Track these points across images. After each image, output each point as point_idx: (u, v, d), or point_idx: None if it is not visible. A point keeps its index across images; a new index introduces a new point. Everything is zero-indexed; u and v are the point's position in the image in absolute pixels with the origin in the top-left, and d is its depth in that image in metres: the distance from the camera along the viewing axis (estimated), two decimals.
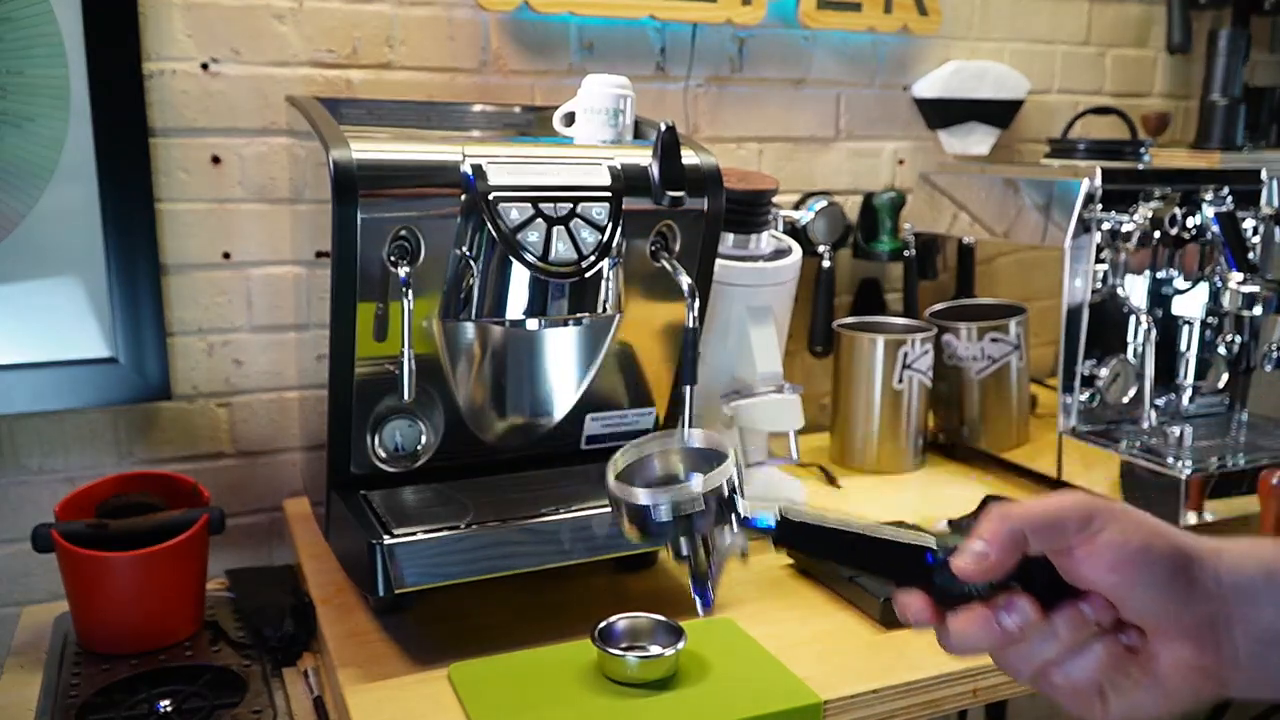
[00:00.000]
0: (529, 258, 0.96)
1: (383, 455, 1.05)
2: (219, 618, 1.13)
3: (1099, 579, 0.51)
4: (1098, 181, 1.34)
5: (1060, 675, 0.53)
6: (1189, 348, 1.44)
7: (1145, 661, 0.52)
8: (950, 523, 1.25)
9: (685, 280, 1.03)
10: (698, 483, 0.52)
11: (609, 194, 1.00)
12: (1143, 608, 0.51)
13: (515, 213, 0.96)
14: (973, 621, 0.53)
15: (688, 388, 1.04)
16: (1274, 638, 0.49)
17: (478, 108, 1.27)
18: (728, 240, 1.23)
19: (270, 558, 1.38)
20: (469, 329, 1.04)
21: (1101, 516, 0.51)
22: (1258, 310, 1.32)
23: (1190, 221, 1.35)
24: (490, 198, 0.95)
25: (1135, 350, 1.40)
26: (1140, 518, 0.52)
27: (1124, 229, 1.34)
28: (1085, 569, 0.51)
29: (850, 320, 1.56)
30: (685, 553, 0.53)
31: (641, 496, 0.52)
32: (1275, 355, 1.42)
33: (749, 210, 1.23)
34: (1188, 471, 1.24)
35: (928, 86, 1.68)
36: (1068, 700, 0.53)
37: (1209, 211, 1.35)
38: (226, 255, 1.30)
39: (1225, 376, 1.47)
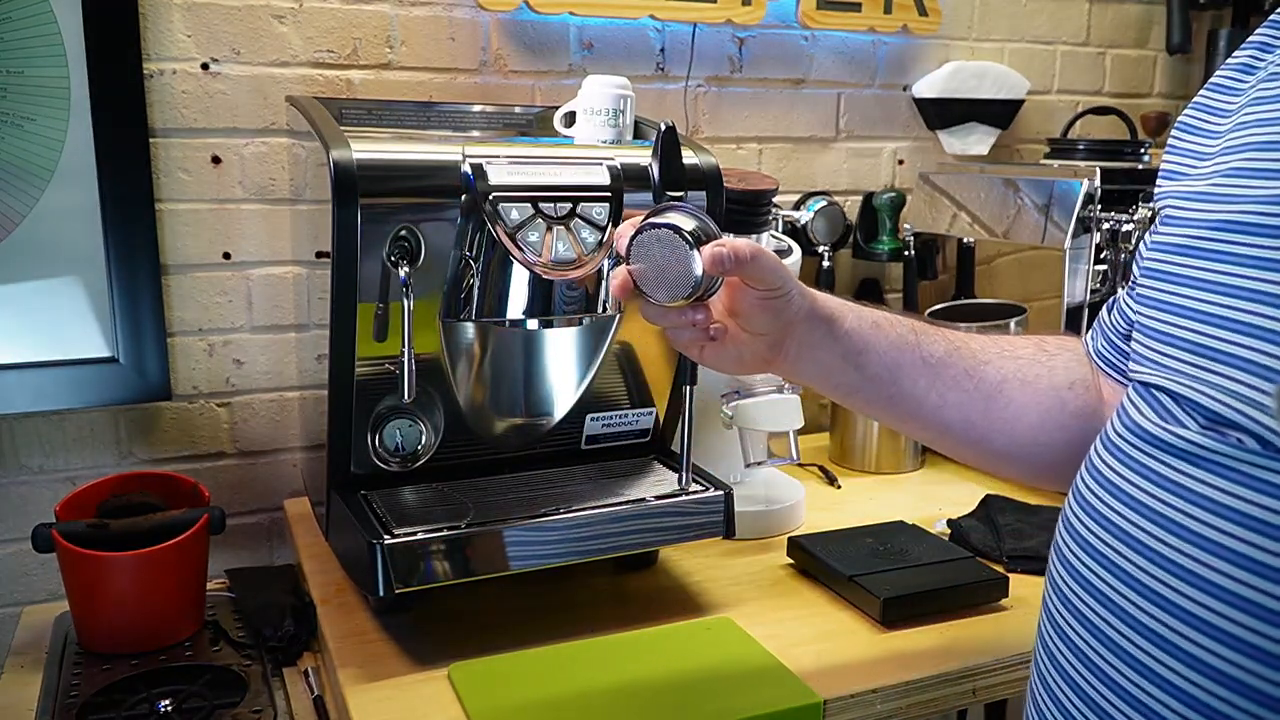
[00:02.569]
0: (529, 258, 0.96)
1: (383, 455, 1.05)
2: (219, 618, 1.13)
3: (749, 309, 0.76)
4: (1097, 181, 1.34)
5: (673, 336, 0.79)
6: None
7: (736, 345, 0.78)
8: (950, 522, 1.25)
9: None
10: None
11: (609, 194, 1.00)
12: (759, 326, 0.77)
13: (515, 213, 0.96)
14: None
15: (688, 388, 1.04)
16: (808, 350, 0.79)
17: (478, 108, 1.27)
18: None
19: (270, 558, 1.38)
20: (469, 329, 1.04)
21: (785, 286, 0.75)
22: None
23: None
24: (490, 198, 0.96)
25: None
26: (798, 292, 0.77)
27: (1124, 229, 1.34)
28: (746, 302, 0.76)
29: None
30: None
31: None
32: None
33: (749, 210, 1.23)
34: None
35: (927, 86, 1.68)
36: (678, 346, 0.80)
37: None
38: (227, 255, 1.30)
39: None
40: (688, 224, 0.74)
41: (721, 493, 1.07)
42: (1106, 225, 1.34)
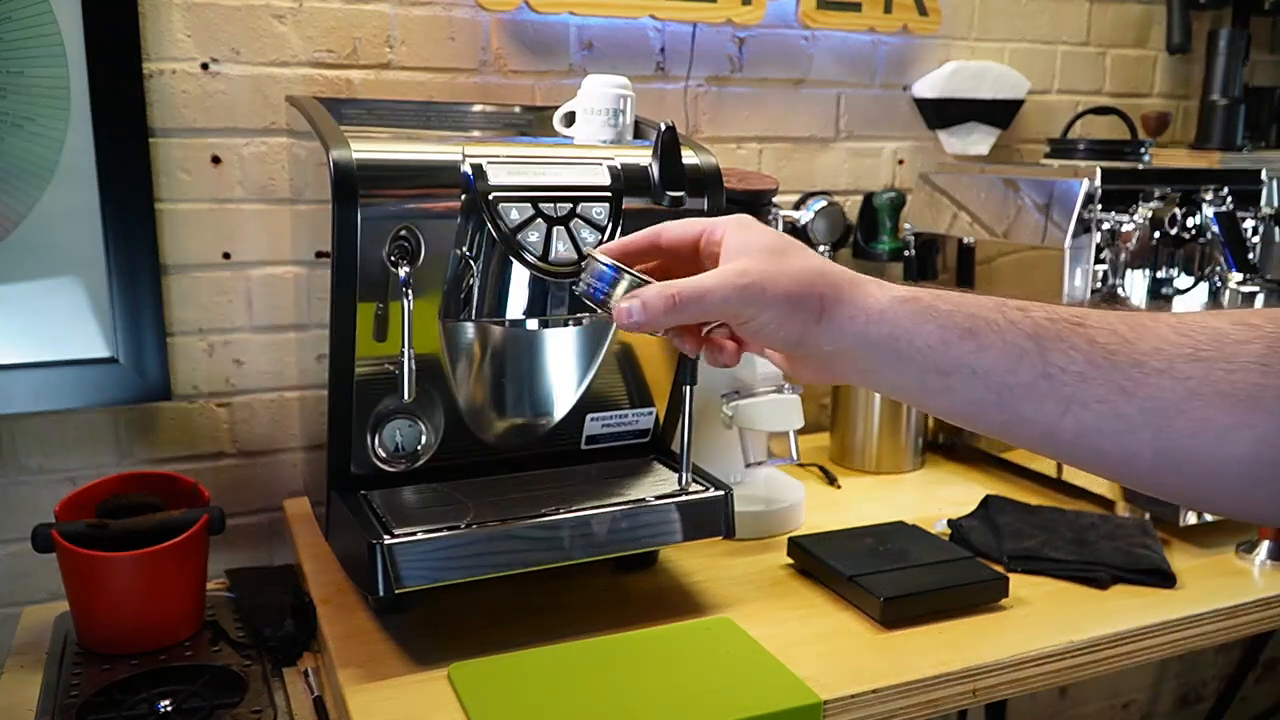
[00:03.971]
0: (529, 258, 0.96)
1: (383, 455, 1.05)
2: (219, 618, 1.13)
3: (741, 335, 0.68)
4: (1098, 181, 1.34)
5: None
6: None
7: (791, 365, 0.70)
8: (950, 523, 1.25)
9: None
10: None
11: (609, 194, 1.00)
12: (771, 346, 0.68)
13: (515, 213, 0.96)
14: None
15: (688, 388, 1.04)
16: (872, 371, 0.66)
17: (478, 108, 1.27)
18: None
19: (270, 558, 1.38)
20: (469, 329, 1.04)
21: (741, 313, 0.65)
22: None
23: (1190, 221, 1.35)
24: (490, 198, 0.96)
25: None
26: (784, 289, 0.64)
27: (1124, 229, 1.34)
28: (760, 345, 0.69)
29: None
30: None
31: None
32: None
33: (749, 210, 1.23)
34: None
35: (927, 86, 1.68)
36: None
37: (1209, 211, 1.35)
38: (226, 255, 1.30)
39: None
40: (585, 285, 0.69)
41: (721, 493, 1.07)
42: (1106, 225, 1.34)
